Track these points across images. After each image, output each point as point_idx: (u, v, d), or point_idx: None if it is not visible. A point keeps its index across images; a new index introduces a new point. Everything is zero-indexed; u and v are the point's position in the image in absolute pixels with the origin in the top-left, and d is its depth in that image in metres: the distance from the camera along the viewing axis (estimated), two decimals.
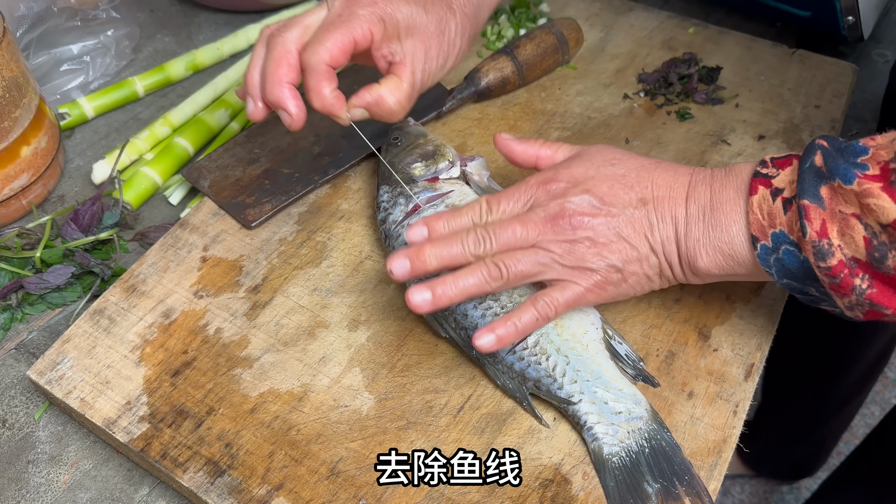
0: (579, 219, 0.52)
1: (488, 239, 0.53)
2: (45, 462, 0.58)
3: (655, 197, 0.53)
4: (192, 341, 0.61)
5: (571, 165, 0.55)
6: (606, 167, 0.55)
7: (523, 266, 0.53)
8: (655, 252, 0.53)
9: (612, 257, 0.53)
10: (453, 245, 0.53)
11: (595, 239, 0.53)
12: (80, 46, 0.86)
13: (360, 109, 0.60)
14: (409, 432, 0.56)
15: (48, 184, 0.76)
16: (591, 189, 0.53)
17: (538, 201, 0.54)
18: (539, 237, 0.53)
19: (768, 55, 0.83)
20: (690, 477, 0.53)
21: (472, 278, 0.53)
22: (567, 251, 0.53)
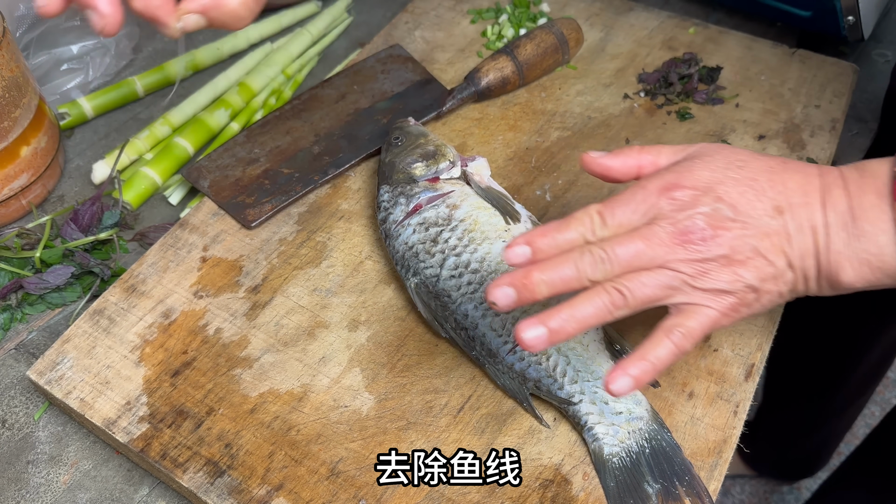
0: (712, 233, 0.46)
1: (607, 260, 0.46)
2: (45, 462, 0.58)
3: (791, 204, 0.47)
4: (191, 341, 0.61)
5: (694, 168, 0.48)
6: (733, 170, 0.48)
7: (650, 291, 0.46)
8: (793, 267, 0.48)
9: (749, 276, 0.47)
10: (564, 267, 0.47)
11: (730, 256, 0.46)
12: (79, 46, 0.86)
13: (195, 15, 0.52)
14: (409, 432, 0.56)
15: (48, 184, 0.76)
16: (721, 197, 0.47)
17: (662, 212, 0.47)
18: (666, 256, 0.46)
19: (768, 55, 0.83)
20: (691, 477, 0.52)
21: (590, 307, 0.46)
22: (699, 272, 0.46)
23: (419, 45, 0.85)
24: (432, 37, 0.86)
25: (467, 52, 0.84)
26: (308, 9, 0.93)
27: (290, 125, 0.76)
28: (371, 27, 0.94)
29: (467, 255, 0.60)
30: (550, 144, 0.75)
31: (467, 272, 0.59)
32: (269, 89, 0.84)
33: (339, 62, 0.89)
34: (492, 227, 0.61)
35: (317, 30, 0.90)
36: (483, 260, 0.59)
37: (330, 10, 0.92)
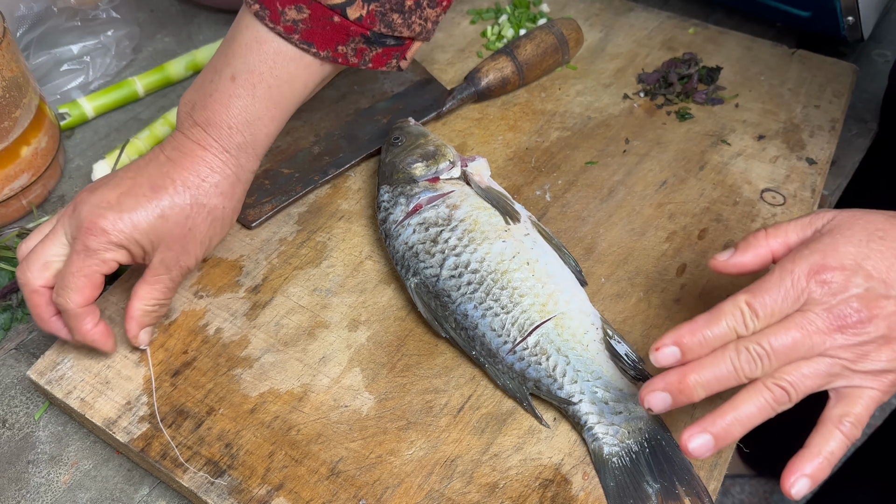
0: (868, 314, 0.45)
1: (765, 356, 0.45)
2: (45, 462, 0.58)
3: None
4: (192, 341, 0.61)
5: (838, 246, 0.47)
6: (876, 241, 0.47)
7: (811, 382, 0.46)
8: None
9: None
10: (721, 366, 0.46)
11: (888, 335, 0.46)
12: (80, 46, 0.86)
13: (145, 332, 0.59)
14: (409, 432, 0.56)
15: (48, 184, 0.76)
16: (872, 274, 0.46)
17: (813, 297, 0.46)
18: (824, 344, 0.46)
19: (768, 55, 0.83)
20: (690, 477, 0.53)
21: (753, 407, 0.46)
22: (859, 355, 0.46)
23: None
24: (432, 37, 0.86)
25: (467, 53, 0.84)
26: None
27: (290, 125, 0.76)
28: None
29: (467, 255, 0.60)
30: (550, 144, 0.75)
31: (467, 272, 0.59)
32: None
33: None
34: (492, 228, 0.61)
35: None
36: (483, 260, 0.60)
37: None
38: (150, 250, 0.56)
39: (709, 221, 0.68)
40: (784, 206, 0.69)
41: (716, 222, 0.68)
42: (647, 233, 0.67)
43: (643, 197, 0.70)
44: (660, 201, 0.70)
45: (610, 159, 0.73)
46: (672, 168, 0.72)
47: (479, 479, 0.54)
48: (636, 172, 0.72)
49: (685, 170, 0.72)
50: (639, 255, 0.66)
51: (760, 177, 0.71)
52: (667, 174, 0.72)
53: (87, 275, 0.54)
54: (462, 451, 0.55)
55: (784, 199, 0.69)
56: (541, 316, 0.57)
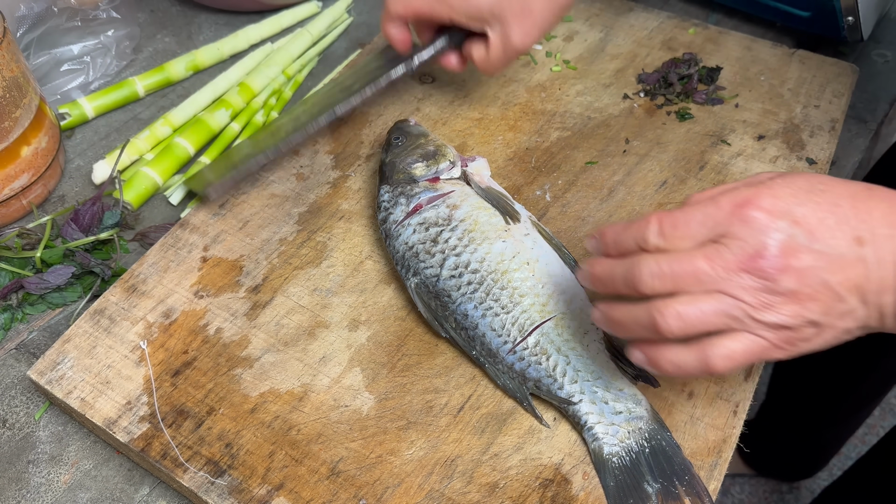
0: (782, 261, 0.42)
1: (660, 276, 0.44)
2: (46, 462, 0.58)
3: (874, 234, 0.43)
4: (192, 341, 0.61)
5: (774, 188, 0.44)
6: (815, 193, 0.44)
7: (705, 318, 0.43)
8: (866, 304, 0.44)
9: (814, 312, 0.43)
10: (616, 270, 0.46)
11: (798, 290, 0.43)
12: (80, 47, 0.86)
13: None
14: (409, 432, 0.56)
15: (48, 184, 0.76)
16: (799, 221, 0.43)
17: (731, 231, 0.43)
18: (727, 280, 0.43)
19: (768, 55, 0.83)
20: (690, 477, 0.53)
21: (634, 325, 0.46)
22: (763, 304, 0.43)
23: None
24: None
25: None
26: (308, 9, 0.93)
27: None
28: (371, 27, 0.94)
29: (467, 255, 0.60)
30: (550, 145, 0.75)
31: (467, 272, 0.59)
32: (270, 89, 0.84)
33: (339, 62, 0.89)
34: (492, 227, 0.61)
35: (317, 30, 0.90)
36: (483, 260, 0.60)
37: (330, 10, 0.93)
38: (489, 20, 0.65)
39: None
40: None
41: None
42: None
43: (643, 197, 0.70)
44: (660, 201, 0.70)
45: (610, 159, 0.73)
46: (672, 168, 0.72)
47: (480, 479, 0.54)
48: (636, 172, 0.72)
49: (685, 170, 0.72)
50: None
51: None
52: (667, 174, 0.72)
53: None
54: (462, 450, 0.55)
55: None
56: (541, 316, 0.57)
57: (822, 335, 0.45)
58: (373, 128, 0.77)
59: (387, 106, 0.79)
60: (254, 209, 0.70)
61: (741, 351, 0.44)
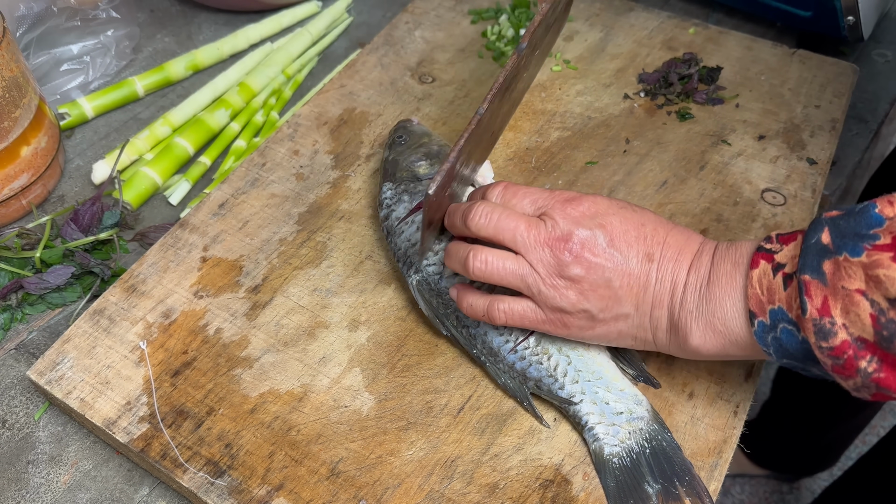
0: (580, 252, 0.50)
1: (485, 216, 0.53)
2: (45, 462, 0.58)
3: (663, 256, 0.51)
4: (192, 341, 0.61)
5: (597, 197, 0.53)
6: (628, 210, 0.52)
7: (504, 273, 0.52)
8: (640, 312, 0.51)
9: (590, 304, 0.51)
10: (460, 207, 0.55)
11: (582, 279, 0.50)
12: (80, 46, 0.86)
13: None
14: (409, 433, 0.56)
15: (48, 184, 0.76)
16: (604, 225, 0.51)
17: (551, 213, 0.52)
18: (533, 248, 0.51)
19: (768, 55, 0.83)
20: (691, 477, 0.52)
21: (455, 260, 0.54)
22: (550, 278, 0.51)
23: (419, 45, 0.85)
24: (432, 37, 0.86)
25: (467, 52, 0.84)
26: (308, 9, 0.93)
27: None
28: (371, 27, 0.94)
29: None
30: (550, 144, 0.75)
31: None
32: (270, 89, 0.84)
33: (339, 62, 0.89)
34: None
35: (317, 30, 0.90)
36: None
37: (330, 10, 0.92)
38: None
39: (709, 221, 0.68)
40: (784, 206, 0.69)
41: (716, 222, 0.68)
42: None
43: (643, 197, 0.70)
44: (660, 201, 0.70)
45: (610, 159, 0.73)
46: (672, 168, 0.72)
47: (480, 480, 0.53)
48: (636, 172, 0.72)
49: (685, 170, 0.72)
50: None
51: (761, 177, 0.71)
52: (667, 174, 0.72)
53: None
54: (462, 451, 0.55)
55: (784, 199, 0.69)
56: None
57: (596, 328, 0.52)
58: (372, 127, 0.77)
59: (386, 106, 0.79)
60: (253, 209, 0.70)
61: (519, 311, 0.53)
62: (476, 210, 0.53)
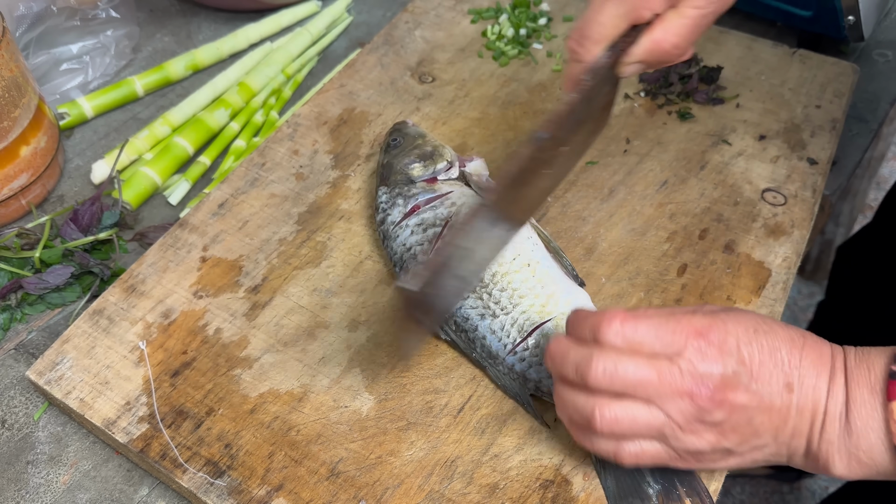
0: (722, 396, 0.45)
1: (613, 374, 0.45)
2: (45, 462, 0.58)
3: (802, 384, 0.46)
4: (191, 342, 0.61)
5: (727, 322, 0.47)
6: (761, 335, 0.47)
7: (635, 427, 0.46)
8: (778, 442, 0.47)
9: (729, 443, 0.47)
10: (570, 356, 0.47)
11: (724, 422, 0.46)
12: (79, 46, 0.86)
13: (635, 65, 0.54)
14: (409, 433, 0.56)
15: (47, 184, 0.75)
16: (745, 360, 0.46)
17: (684, 353, 0.46)
18: (670, 399, 0.45)
19: (769, 55, 0.83)
20: (691, 478, 0.52)
21: (573, 410, 0.48)
22: (688, 425, 0.46)
23: (419, 45, 0.85)
24: (432, 37, 0.86)
25: (467, 52, 0.84)
26: (308, 8, 0.93)
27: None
28: (371, 27, 0.94)
29: None
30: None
31: None
32: (269, 89, 0.84)
33: (338, 62, 0.89)
34: None
35: (316, 29, 0.90)
36: None
37: (330, 9, 0.92)
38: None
39: (710, 221, 0.68)
40: (785, 206, 0.69)
41: (717, 222, 0.68)
42: (647, 233, 0.67)
43: (644, 197, 0.70)
44: (660, 201, 0.70)
45: (611, 159, 0.73)
46: (673, 168, 0.72)
47: (480, 480, 0.53)
48: (637, 172, 0.72)
49: (686, 170, 0.72)
50: (639, 255, 0.66)
51: (761, 177, 0.71)
52: (667, 174, 0.72)
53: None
54: (462, 451, 0.55)
55: (785, 198, 0.69)
56: (540, 317, 0.57)
57: (729, 460, 0.48)
58: (372, 127, 0.77)
59: (386, 106, 0.79)
60: (253, 209, 0.70)
61: (651, 455, 0.48)
62: (595, 366, 0.46)
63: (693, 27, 0.53)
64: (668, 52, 0.53)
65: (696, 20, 0.53)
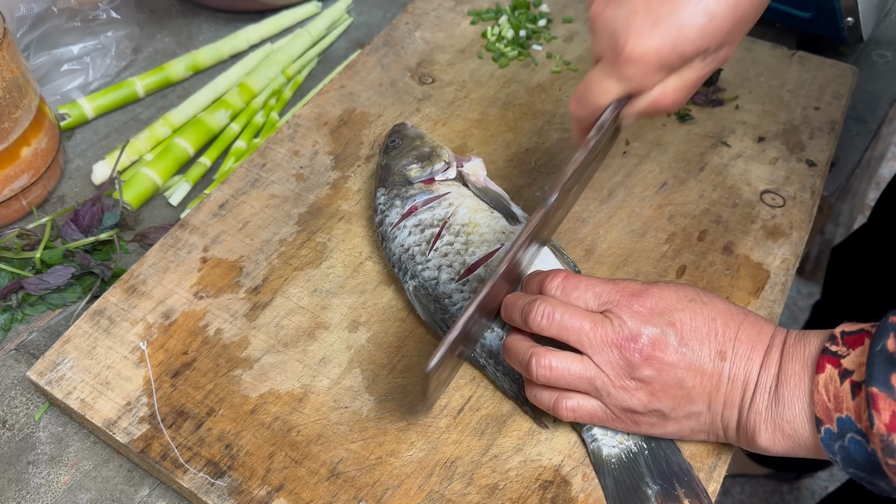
0: (650, 352, 0.48)
1: (547, 318, 0.49)
2: (45, 463, 0.58)
3: (735, 353, 0.49)
4: (192, 342, 0.61)
5: (664, 288, 0.50)
6: (697, 304, 0.50)
7: (570, 378, 0.49)
8: (712, 411, 0.50)
9: (661, 404, 0.49)
10: (518, 301, 0.52)
11: (653, 380, 0.48)
12: (80, 47, 0.86)
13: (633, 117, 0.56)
14: (409, 433, 0.56)
15: (48, 184, 0.76)
16: (674, 322, 0.49)
17: (617, 311, 0.49)
18: (600, 350, 0.49)
19: (768, 56, 0.83)
20: (690, 478, 0.53)
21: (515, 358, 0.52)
22: (619, 379, 0.49)
23: (419, 45, 0.85)
24: (432, 37, 0.86)
25: (467, 53, 0.85)
26: (308, 9, 0.93)
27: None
28: (371, 28, 0.94)
29: (466, 258, 0.60)
30: (550, 145, 0.75)
31: None
32: (270, 90, 0.84)
33: (339, 63, 0.89)
34: (489, 229, 0.61)
35: (317, 30, 0.90)
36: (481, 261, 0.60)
37: (330, 10, 0.93)
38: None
39: (708, 223, 0.68)
40: (784, 208, 0.69)
41: (715, 224, 0.68)
42: (646, 234, 0.67)
43: (643, 198, 0.70)
44: (659, 203, 0.70)
45: (610, 160, 0.73)
46: (672, 169, 0.72)
47: (479, 481, 0.54)
48: (636, 174, 0.72)
49: (685, 171, 0.72)
50: (639, 256, 0.66)
51: (760, 178, 0.71)
52: (667, 175, 0.72)
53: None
54: (462, 452, 0.55)
55: (784, 200, 0.70)
56: None
57: (666, 426, 0.51)
58: (372, 128, 0.77)
59: (386, 107, 0.79)
60: (254, 210, 0.70)
61: (587, 410, 0.51)
62: (537, 309, 0.50)
63: (692, 86, 0.54)
64: (666, 109, 0.54)
65: (694, 81, 0.53)
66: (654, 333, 0.48)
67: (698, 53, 0.51)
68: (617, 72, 0.51)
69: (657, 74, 0.51)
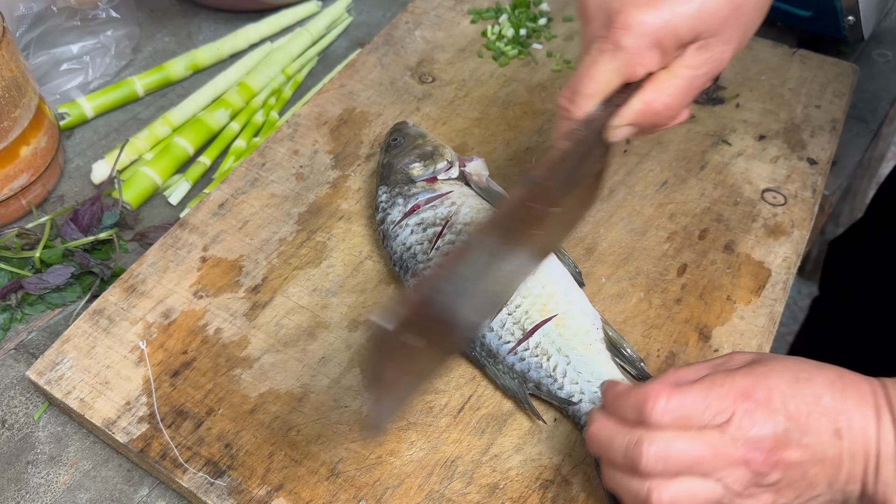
0: (777, 458, 0.44)
1: (664, 458, 0.44)
2: (45, 462, 0.58)
3: (850, 427, 0.45)
4: (191, 342, 0.61)
5: (768, 377, 0.46)
6: (803, 383, 0.46)
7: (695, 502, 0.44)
8: (833, 490, 0.46)
9: (786, 497, 0.46)
10: (616, 441, 0.45)
11: (780, 481, 0.45)
12: (79, 46, 0.86)
13: (626, 128, 0.52)
14: (409, 433, 0.56)
15: (48, 184, 0.76)
16: (793, 416, 0.45)
17: (734, 421, 0.44)
18: (726, 472, 0.44)
19: (769, 55, 0.83)
20: None
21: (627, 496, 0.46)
22: (745, 489, 0.45)
23: (419, 45, 0.85)
24: (432, 37, 0.86)
25: (467, 52, 0.84)
26: (308, 9, 0.93)
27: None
28: (371, 27, 0.94)
29: None
30: (551, 144, 0.75)
31: None
32: (269, 89, 0.84)
33: (338, 62, 0.89)
34: None
35: (317, 30, 0.90)
36: None
37: (330, 9, 0.92)
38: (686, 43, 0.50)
39: (709, 221, 0.68)
40: (785, 206, 0.69)
41: (716, 222, 0.68)
42: (647, 233, 0.67)
43: (644, 197, 0.70)
44: (660, 201, 0.70)
45: (610, 159, 0.73)
46: (673, 168, 0.72)
47: (480, 480, 0.53)
48: (637, 172, 0.72)
49: (686, 170, 0.72)
50: (639, 255, 0.66)
51: (761, 177, 0.71)
52: (667, 174, 0.72)
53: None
54: (462, 451, 0.55)
55: (785, 199, 0.69)
56: (541, 316, 0.57)
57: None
58: (372, 127, 0.77)
59: (386, 106, 0.79)
60: (253, 209, 0.70)
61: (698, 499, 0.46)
62: (648, 452, 0.44)
63: (686, 88, 0.51)
64: (660, 114, 0.51)
65: (688, 81, 0.51)
66: (777, 434, 0.45)
67: (692, 36, 0.50)
68: (612, 42, 0.49)
69: (650, 51, 0.49)
